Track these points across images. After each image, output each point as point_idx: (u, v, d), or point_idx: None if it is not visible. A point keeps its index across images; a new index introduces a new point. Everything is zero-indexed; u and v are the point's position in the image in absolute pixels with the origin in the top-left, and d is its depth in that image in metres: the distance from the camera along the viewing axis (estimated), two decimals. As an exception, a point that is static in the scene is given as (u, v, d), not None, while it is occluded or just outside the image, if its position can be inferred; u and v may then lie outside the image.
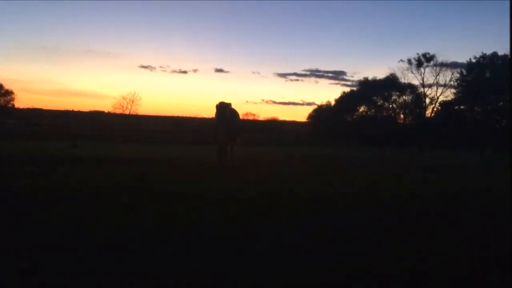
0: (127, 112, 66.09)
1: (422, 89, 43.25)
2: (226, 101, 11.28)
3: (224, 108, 10.94)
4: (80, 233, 3.99)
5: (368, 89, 43.41)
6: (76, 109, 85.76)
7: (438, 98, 42.56)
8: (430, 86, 42.90)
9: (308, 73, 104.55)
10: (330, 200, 6.14)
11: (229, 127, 10.91)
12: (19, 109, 65.51)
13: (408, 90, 43.11)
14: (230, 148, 11.38)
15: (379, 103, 44.03)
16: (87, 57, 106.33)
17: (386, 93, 43.19)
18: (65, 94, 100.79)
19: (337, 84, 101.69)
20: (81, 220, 4.48)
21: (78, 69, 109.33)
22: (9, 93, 60.78)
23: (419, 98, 43.12)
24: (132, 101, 65.41)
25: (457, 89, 41.17)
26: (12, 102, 61.77)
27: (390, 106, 44.21)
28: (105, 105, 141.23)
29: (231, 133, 11.09)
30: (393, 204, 5.98)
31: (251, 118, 64.46)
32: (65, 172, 8.47)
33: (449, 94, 42.13)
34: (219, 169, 10.23)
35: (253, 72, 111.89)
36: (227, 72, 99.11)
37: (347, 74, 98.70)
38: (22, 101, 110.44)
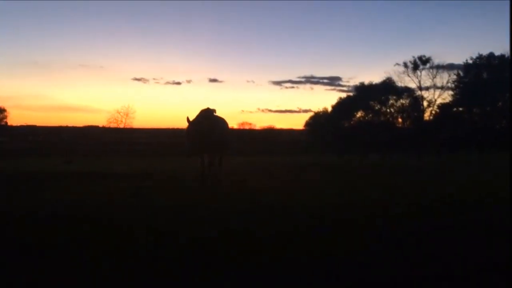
0: (121, 126, 66.17)
1: (419, 92, 43.53)
2: (217, 109, 9.56)
3: (202, 121, 8.95)
4: (73, 252, 4.10)
5: (364, 94, 43.63)
6: (70, 124, 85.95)
7: (436, 100, 42.85)
8: (427, 88, 43.20)
9: (303, 80, 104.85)
10: (329, 213, 6.27)
11: (211, 136, 8.93)
12: (12, 127, 65.53)
13: (405, 93, 43.35)
14: (216, 163, 9.77)
15: (376, 108, 44.21)
16: (80, 72, 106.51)
17: (383, 98, 43.39)
18: (59, 110, 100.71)
19: (333, 90, 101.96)
20: (74, 238, 4.59)
21: (71, 84, 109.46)
22: (1, 110, 60.94)
23: (416, 102, 43.35)
24: (127, 114, 65.49)
25: (455, 91, 41.49)
26: (5, 119, 61.92)
27: (388, 110, 44.40)
28: (100, 120, 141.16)
29: (216, 145, 9.33)
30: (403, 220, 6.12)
31: (247, 127, 64.62)
32: (59, 189, 8.58)
33: (446, 96, 42.43)
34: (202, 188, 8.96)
35: (248, 81, 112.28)
36: (221, 81, 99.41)
37: (343, 79, 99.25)
38: (15, 118, 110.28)
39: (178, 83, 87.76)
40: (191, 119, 9.10)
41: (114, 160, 22.28)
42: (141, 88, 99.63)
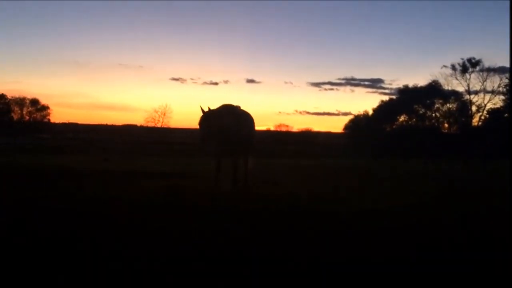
0: (159, 125, 67.97)
1: (467, 96, 41.90)
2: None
3: (218, 114, 7.50)
4: (107, 251, 4.11)
5: (408, 97, 42.42)
6: (109, 122, 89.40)
7: (485, 105, 41.06)
8: (476, 93, 41.52)
9: (343, 81, 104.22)
10: (371, 220, 6.05)
11: (238, 136, 7.75)
12: (54, 124, 68.76)
13: (452, 97, 41.86)
14: (242, 165, 8.75)
15: (421, 112, 42.90)
16: (119, 71, 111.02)
17: (428, 101, 42.09)
18: (99, 108, 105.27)
19: (374, 92, 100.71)
20: (109, 236, 4.63)
21: (111, 83, 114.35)
22: (45, 108, 64.14)
23: (464, 106, 41.72)
24: (164, 114, 67.30)
25: (506, 96, 39.56)
26: (48, 117, 65.11)
27: (433, 115, 42.99)
28: (138, 118, 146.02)
29: (242, 146, 8.22)
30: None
31: (284, 129, 64.59)
32: (96, 187, 8.79)
33: (497, 101, 40.56)
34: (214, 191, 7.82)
35: (286, 82, 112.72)
36: (258, 82, 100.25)
37: (385, 82, 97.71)
38: (57, 115, 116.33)
39: (216, 84, 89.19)
40: (206, 110, 7.56)
41: (151, 158, 22.79)
42: (179, 88, 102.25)
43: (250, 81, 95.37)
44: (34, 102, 62.95)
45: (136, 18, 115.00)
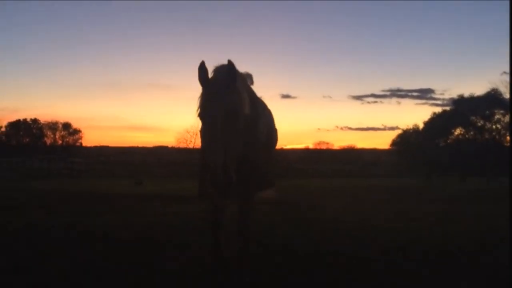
0: (191, 145, 69.16)
1: (533, 105, 39.95)
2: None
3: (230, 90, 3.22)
4: (144, 277, 4.14)
5: (464, 108, 40.98)
6: (140, 144, 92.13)
7: (554, 114, 38.96)
8: (543, 100, 39.52)
9: (388, 93, 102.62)
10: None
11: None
12: (86, 147, 71.76)
13: (515, 107, 40.06)
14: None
15: (479, 124, 41.30)
16: (148, 91, 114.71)
17: (487, 112, 40.49)
18: (130, 130, 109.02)
19: (424, 104, 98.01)
20: (145, 262, 4.67)
21: (141, 104, 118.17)
22: (77, 131, 67.17)
23: (530, 116, 39.80)
24: (196, 134, 68.47)
25: None
26: (80, 140, 68.11)
27: (493, 127, 41.25)
28: (169, 139, 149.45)
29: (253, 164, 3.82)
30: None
31: (324, 147, 64.06)
32: (129, 211, 8.98)
33: None
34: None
35: (324, 96, 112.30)
36: (294, 97, 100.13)
37: (436, 92, 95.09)
38: (89, 138, 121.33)
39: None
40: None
41: (184, 181, 23.12)
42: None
43: (285, 96, 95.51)
44: (66, 126, 66.19)
45: (163, 36, 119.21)
